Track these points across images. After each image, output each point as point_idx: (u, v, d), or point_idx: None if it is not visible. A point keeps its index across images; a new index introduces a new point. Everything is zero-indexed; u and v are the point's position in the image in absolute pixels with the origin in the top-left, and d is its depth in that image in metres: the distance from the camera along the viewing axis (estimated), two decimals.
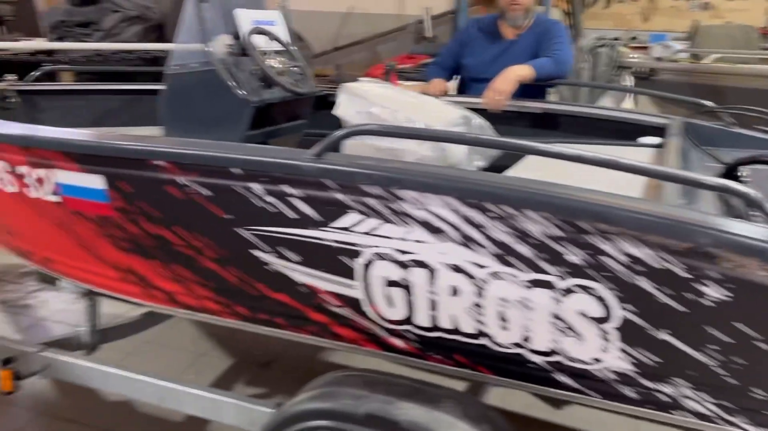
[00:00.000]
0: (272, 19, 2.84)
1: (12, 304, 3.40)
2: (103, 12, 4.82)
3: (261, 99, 2.55)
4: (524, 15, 2.99)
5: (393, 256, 1.46)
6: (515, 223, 1.31)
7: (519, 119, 2.87)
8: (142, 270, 1.83)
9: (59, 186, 1.80)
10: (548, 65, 2.80)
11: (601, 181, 1.49)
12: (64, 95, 3.37)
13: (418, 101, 2.53)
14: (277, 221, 1.54)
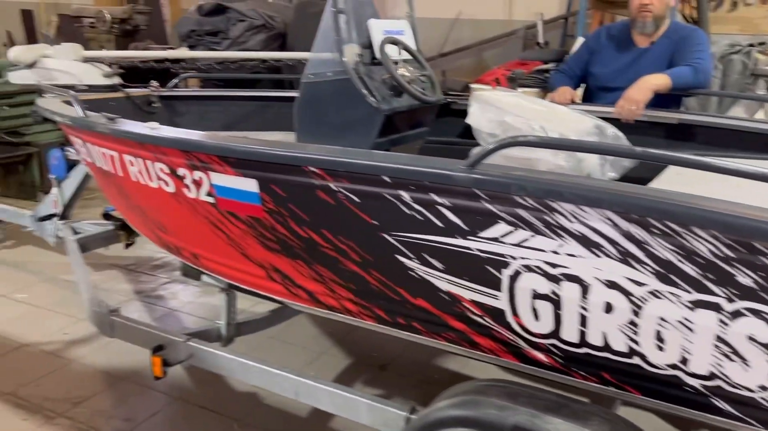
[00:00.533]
0: (401, 29, 2.90)
1: (147, 295, 3.66)
2: (229, 21, 5.09)
3: (391, 107, 2.61)
4: (654, 22, 2.87)
5: (543, 269, 1.45)
6: (681, 241, 1.27)
7: (652, 129, 2.77)
8: (286, 269, 1.92)
9: (214, 187, 1.92)
10: (687, 74, 2.68)
11: (754, 200, 1.42)
12: (199, 100, 3.59)
13: (549, 110, 2.50)
14: (424, 229, 1.57)
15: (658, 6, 2.85)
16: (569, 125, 2.37)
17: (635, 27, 2.93)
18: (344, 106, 2.62)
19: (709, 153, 2.59)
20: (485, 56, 9.32)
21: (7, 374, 2.79)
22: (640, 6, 2.86)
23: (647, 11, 2.85)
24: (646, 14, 2.86)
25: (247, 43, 4.96)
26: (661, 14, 2.88)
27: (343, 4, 2.58)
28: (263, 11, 5.22)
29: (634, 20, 2.92)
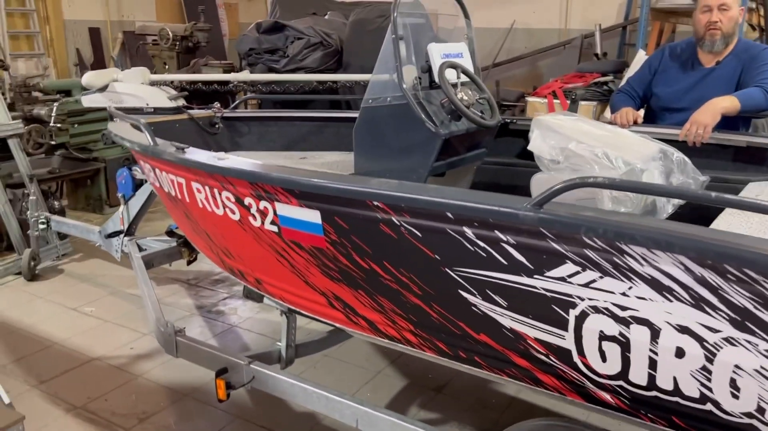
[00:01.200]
0: (460, 52, 2.90)
1: (207, 310, 3.75)
2: (287, 39, 5.20)
3: (449, 131, 2.61)
4: (723, 40, 2.78)
5: (611, 311, 1.42)
6: (758, 289, 1.23)
7: (719, 152, 2.68)
8: (348, 299, 1.94)
9: (279, 217, 1.96)
10: (757, 97, 2.59)
11: None
12: (259, 121, 3.68)
13: (612, 134, 2.45)
14: (487, 265, 1.57)
15: (727, 23, 2.76)
16: (634, 150, 2.32)
17: (702, 46, 2.84)
18: (403, 130, 2.63)
19: None
20: (540, 66, 9.20)
21: (77, 387, 2.91)
22: (708, 24, 2.77)
23: (716, 29, 2.77)
24: (715, 32, 2.77)
25: (305, 61, 5.05)
26: (729, 32, 2.78)
27: (403, 30, 2.60)
28: (320, 29, 5.30)
29: (701, 39, 2.84)
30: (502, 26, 9.21)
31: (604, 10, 8.70)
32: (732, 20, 2.77)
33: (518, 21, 9.19)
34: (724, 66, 2.83)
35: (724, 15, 2.75)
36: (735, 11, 2.77)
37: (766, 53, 2.76)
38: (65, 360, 3.15)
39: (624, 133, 2.48)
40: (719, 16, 2.75)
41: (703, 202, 1.53)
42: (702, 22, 2.80)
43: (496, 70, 8.95)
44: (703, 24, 2.79)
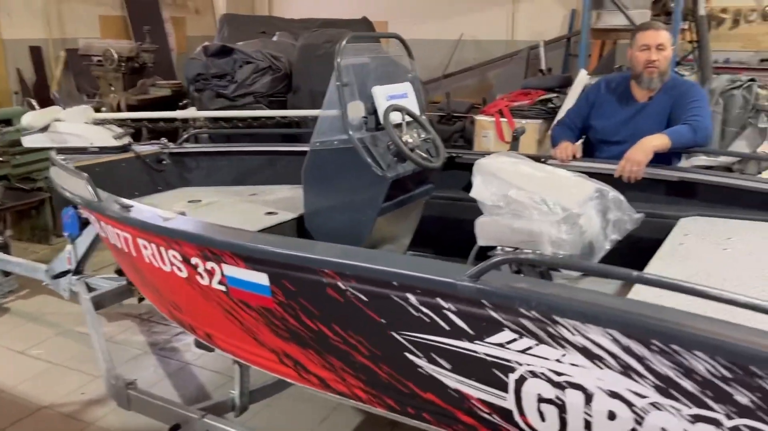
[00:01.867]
0: (404, 92, 2.96)
1: (161, 347, 3.72)
2: (236, 63, 5.17)
3: (396, 173, 2.67)
4: (660, 78, 2.92)
5: (547, 376, 1.49)
6: (681, 360, 1.31)
7: (653, 187, 2.81)
8: (298, 357, 1.97)
9: (226, 278, 1.98)
10: (686, 134, 2.72)
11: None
12: (207, 156, 3.67)
13: (551, 177, 2.54)
14: (431, 330, 1.62)
15: (663, 62, 2.90)
16: (571, 193, 2.41)
17: (640, 83, 2.96)
18: (350, 173, 2.67)
19: (710, 211, 2.63)
20: (489, 76, 9.38)
21: None
22: (647, 62, 2.90)
23: (654, 68, 2.89)
24: (653, 71, 2.90)
25: (254, 86, 5.04)
26: (665, 70, 2.92)
27: (347, 75, 2.64)
28: (268, 52, 5.29)
29: (639, 75, 2.96)
30: (451, 38, 9.35)
31: (548, 22, 8.93)
32: (667, 59, 2.91)
33: (467, 33, 9.35)
34: (656, 101, 2.96)
35: (661, 54, 2.88)
36: (670, 50, 2.91)
37: (694, 90, 2.91)
38: (13, 410, 3.08)
39: (562, 174, 2.58)
40: (657, 55, 2.88)
41: (624, 279, 1.61)
42: (640, 60, 2.92)
43: (446, 81, 9.08)
44: (642, 62, 2.92)
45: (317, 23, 6.98)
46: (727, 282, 1.84)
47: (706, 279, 1.89)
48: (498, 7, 9.27)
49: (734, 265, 1.99)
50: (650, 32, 2.93)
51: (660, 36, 2.90)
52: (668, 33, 2.93)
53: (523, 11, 9.18)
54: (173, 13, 9.49)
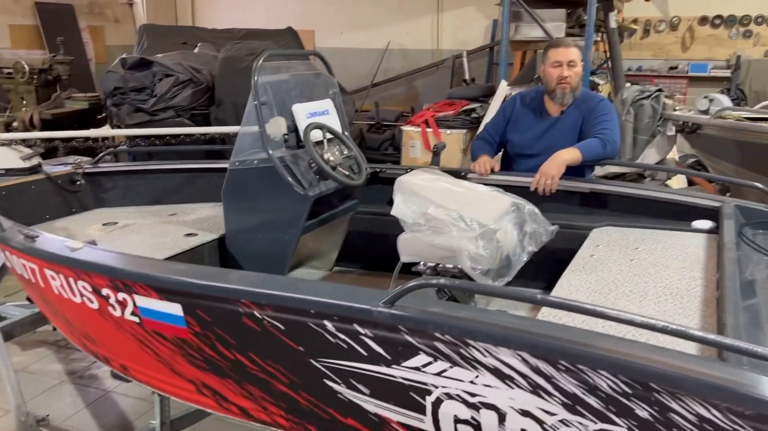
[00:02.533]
0: (326, 109, 2.95)
1: (80, 375, 3.55)
2: (155, 76, 5.02)
3: (318, 192, 2.66)
4: (572, 93, 3.03)
5: (462, 397, 1.52)
6: (586, 378, 1.36)
7: (567, 198, 2.92)
8: (217, 386, 1.93)
9: (139, 309, 1.91)
10: (596, 147, 2.84)
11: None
12: (125, 175, 3.54)
13: (470, 193, 2.59)
14: (348, 356, 1.62)
15: (575, 79, 3.01)
16: (488, 209, 2.47)
17: (553, 98, 3.07)
18: (271, 192, 2.65)
19: (620, 220, 2.75)
20: (416, 85, 9.50)
21: None
22: (560, 79, 3.00)
23: (566, 83, 3.00)
24: (565, 86, 3.01)
25: (175, 99, 4.91)
26: (576, 86, 3.03)
27: (265, 95, 2.62)
28: (189, 64, 5.17)
29: (552, 91, 3.06)
30: (379, 47, 9.43)
31: (471, 32, 9.14)
32: (578, 75, 3.03)
33: (393, 42, 9.44)
34: (568, 116, 3.07)
35: (572, 71, 3.00)
36: (580, 67, 3.03)
37: (602, 105, 3.03)
38: None
39: (480, 190, 2.63)
40: (569, 71, 2.99)
41: (529, 301, 1.67)
42: (553, 76, 3.02)
43: (375, 90, 9.14)
44: (554, 78, 3.02)
45: (240, 34, 6.89)
46: (632, 295, 1.93)
47: (614, 292, 1.97)
48: (423, 17, 9.42)
49: (640, 276, 2.08)
50: (561, 49, 3.05)
51: (571, 53, 3.02)
52: (578, 50, 3.06)
53: (447, 21, 9.36)
54: (90, 21, 9.15)
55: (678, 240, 2.44)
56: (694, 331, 1.28)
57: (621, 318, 1.31)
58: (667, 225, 2.61)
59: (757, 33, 7.97)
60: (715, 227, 2.52)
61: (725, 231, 2.25)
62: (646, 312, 1.82)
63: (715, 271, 2.06)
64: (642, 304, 1.87)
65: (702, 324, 1.74)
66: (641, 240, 2.45)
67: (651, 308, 1.84)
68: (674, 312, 1.81)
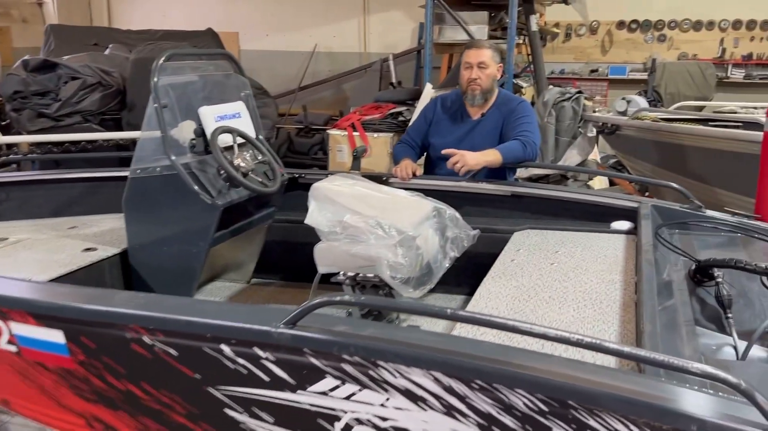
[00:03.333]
0: (237, 111, 2.79)
1: None
2: (60, 79, 4.69)
3: (229, 200, 2.50)
4: (482, 95, 2.99)
5: (373, 422, 1.40)
6: (502, 397, 1.27)
7: (488, 202, 2.86)
8: (108, 420, 1.74)
9: (16, 337, 1.70)
10: (516, 150, 2.80)
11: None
12: (20, 186, 3.25)
13: (389, 198, 2.49)
14: (249, 383, 1.48)
15: (485, 80, 2.96)
16: (408, 214, 2.37)
17: (466, 99, 3.03)
18: (176, 202, 2.46)
19: (541, 223, 2.72)
20: (345, 88, 9.39)
21: None
22: (469, 80, 2.96)
23: (476, 85, 2.95)
24: (475, 88, 2.96)
25: (82, 103, 4.59)
26: (488, 88, 2.98)
27: (167, 97, 2.43)
28: (98, 66, 4.86)
29: (465, 93, 3.01)
30: (306, 49, 9.26)
31: (398, 35, 9.12)
32: (490, 77, 2.97)
33: (320, 44, 9.30)
34: (488, 118, 3.03)
35: (483, 72, 2.94)
36: (493, 69, 2.98)
37: (522, 107, 3.00)
38: None
39: (400, 195, 2.54)
40: (479, 73, 2.94)
41: (439, 316, 1.57)
42: (465, 77, 2.97)
43: (302, 93, 8.97)
44: (466, 80, 2.97)
45: (157, 35, 6.58)
46: (552, 301, 1.86)
47: (534, 298, 1.91)
48: (350, 20, 9.32)
49: (560, 281, 2.03)
50: (473, 51, 3.01)
51: (482, 54, 2.98)
52: (492, 51, 3.01)
53: (374, 24, 9.30)
54: None
55: (597, 242, 2.42)
56: (609, 344, 1.21)
57: (534, 332, 1.23)
58: (587, 227, 2.59)
59: (671, 37, 8.28)
60: (633, 228, 2.52)
61: (642, 232, 2.23)
62: (565, 318, 1.76)
63: (633, 273, 2.03)
64: (561, 310, 1.81)
65: (621, 330, 1.69)
66: (561, 243, 2.41)
67: (570, 314, 1.78)
68: (594, 318, 1.76)
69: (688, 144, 3.69)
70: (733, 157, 3.36)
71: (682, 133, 3.67)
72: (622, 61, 8.48)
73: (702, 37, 8.15)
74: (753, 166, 3.15)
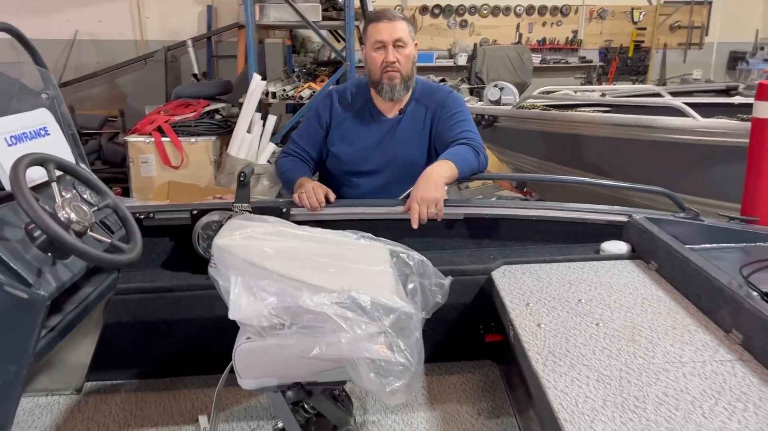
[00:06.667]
0: (43, 125, 1.67)
1: None
2: None
3: (57, 285, 1.41)
4: (404, 84, 2.21)
5: None
6: None
7: (434, 230, 2.13)
8: None
9: None
10: (470, 158, 2.09)
11: None
12: None
13: (337, 250, 1.61)
14: None
15: (406, 64, 2.19)
16: (377, 274, 1.53)
17: (381, 92, 2.22)
18: None
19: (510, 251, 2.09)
20: (120, 83, 7.84)
21: None
22: (385, 65, 2.16)
23: (394, 71, 2.16)
24: (394, 75, 2.17)
25: None
26: (409, 73, 2.21)
27: None
28: None
29: (378, 84, 2.21)
30: (64, 37, 7.52)
31: (182, 19, 7.84)
32: (410, 59, 2.21)
33: (82, 31, 7.62)
34: (410, 115, 2.27)
35: (402, 53, 2.17)
36: (412, 47, 2.22)
37: (454, 99, 2.28)
38: None
39: (348, 243, 1.67)
40: (396, 55, 2.16)
41: None
42: (377, 62, 2.17)
43: (65, 90, 7.21)
44: (379, 65, 2.17)
45: None
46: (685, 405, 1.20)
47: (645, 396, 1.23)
48: (118, 2, 7.79)
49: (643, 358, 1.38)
50: (383, 24, 2.18)
51: (397, 28, 2.18)
52: (407, 23, 2.22)
53: (150, 7, 7.89)
54: None
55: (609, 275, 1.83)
56: None
57: None
58: (575, 255, 2.00)
59: (472, 23, 8.26)
60: (632, 250, 1.99)
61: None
62: None
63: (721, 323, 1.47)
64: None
65: None
66: (565, 283, 1.78)
67: None
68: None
69: (586, 134, 3.33)
70: (647, 145, 3.05)
71: (590, 123, 3.25)
72: (428, 47, 8.26)
73: (500, 23, 8.26)
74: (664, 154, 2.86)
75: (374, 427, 1.73)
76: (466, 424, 1.75)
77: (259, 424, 1.76)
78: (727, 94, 5.05)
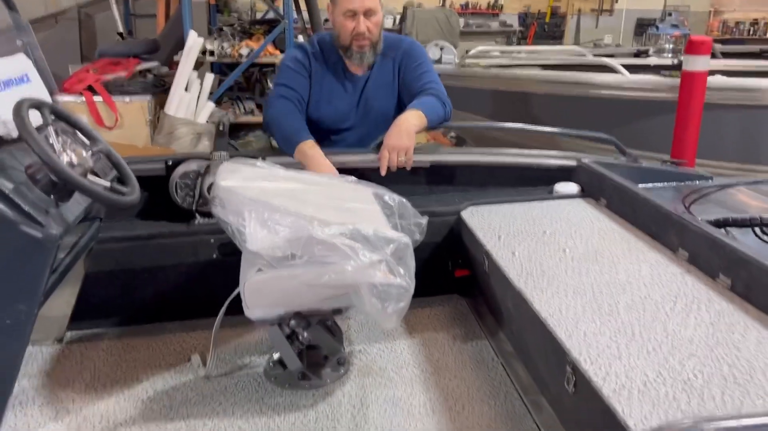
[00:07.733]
0: (23, 71, 1.66)
1: None
2: None
3: (67, 224, 1.45)
4: (373, 50, 2.28)
5: None
6: None
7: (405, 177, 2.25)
8: None
9: None
10: (437, 108, 2.23)
11: None
12: None
13: (328, 190, 1.72)
14: None
15: (375, 32, 2.25)
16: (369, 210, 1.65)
17: (351, 59, 2.28)
18: None
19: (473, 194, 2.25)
20: None
21: None
22: (356, 35, 2.22)
23: (365, 41, 2.22)
24: (364, 44, 2.23)
25: None
26: (377, 39, 2.28)
27: None
28: None
29: (347, 49, 2.26)
30: None
31: None
32: (378, 26, 2.27)
33: None
34: (379, 70, 2.35)
35: (372, 21, 2.24)
36: (380, 14, 2.30)
37: (416, 49, 2.39)
38: None
39: (335, 183, 1.78)
40: (367, 23, 2.22)
41: None
42: (347, 29, 2.22)
43: None
44: (349, 33, 2.22)
45: None
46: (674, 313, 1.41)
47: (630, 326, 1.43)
48: None
49: (615, 275, 1.59)
50: None
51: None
52: None
53: None
54: None
55: (566, 213, 2.05)
56: None
57: None
58: (531, 196, 2.20)
59: None
60: (582, 190, 2.21)
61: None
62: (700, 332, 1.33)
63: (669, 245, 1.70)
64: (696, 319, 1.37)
65: None
66: (529, 220, 1.97)
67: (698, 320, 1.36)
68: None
69: (531, 91, 3.52)
70: (585, 101, 3.28)
71: (535, 80, 3.42)
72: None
73: None
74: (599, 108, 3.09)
75: (361, 355, 1.87)
76: (444, 348, 1.92)
77: (252, 359, 1.86)
78: (638, 57, 5.43)
